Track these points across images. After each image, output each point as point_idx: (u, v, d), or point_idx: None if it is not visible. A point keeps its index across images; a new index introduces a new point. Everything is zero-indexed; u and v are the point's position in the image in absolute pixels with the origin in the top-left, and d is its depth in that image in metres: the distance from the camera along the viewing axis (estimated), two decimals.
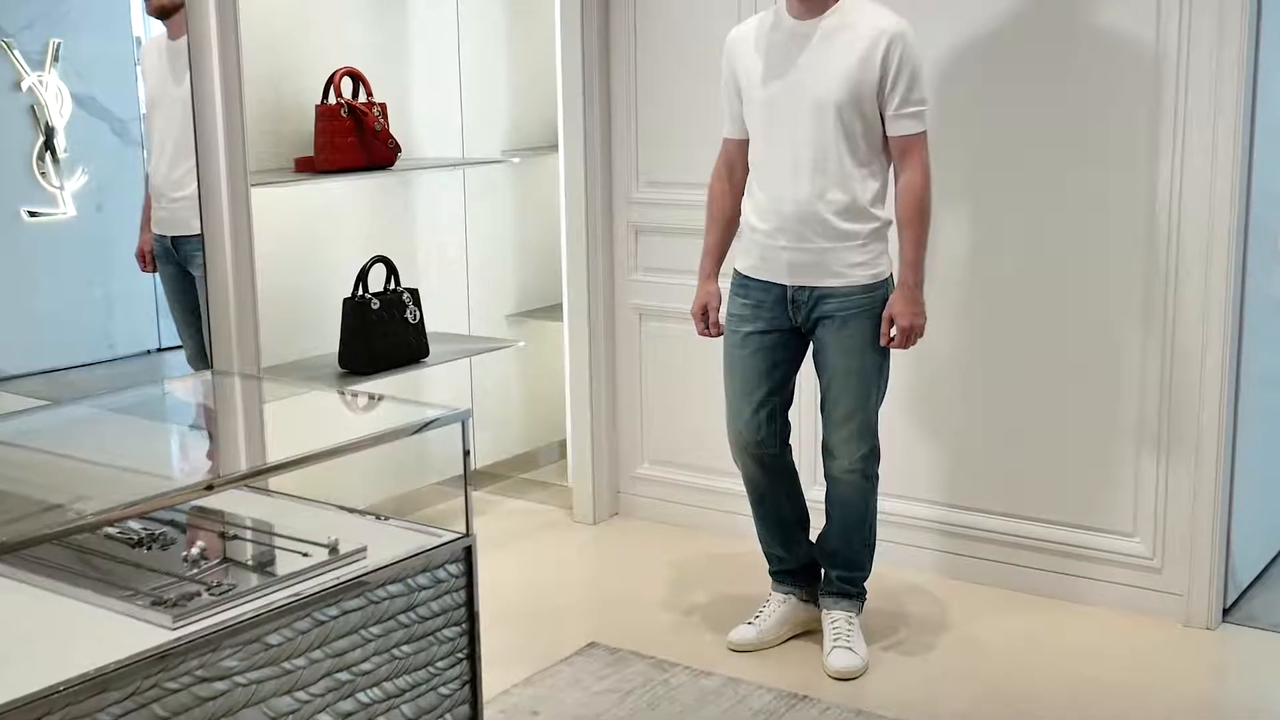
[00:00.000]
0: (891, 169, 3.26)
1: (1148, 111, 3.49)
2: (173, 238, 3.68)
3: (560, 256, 4.51)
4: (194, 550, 2.12)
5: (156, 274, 3.80)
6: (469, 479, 2.43)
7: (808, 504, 3.55)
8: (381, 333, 4.01)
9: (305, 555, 2.13)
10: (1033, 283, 3.72)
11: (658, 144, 4.27)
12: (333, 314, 4.08)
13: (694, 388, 4.26)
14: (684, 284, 4.03)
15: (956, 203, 3.75)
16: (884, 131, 3.20)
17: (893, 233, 3.27)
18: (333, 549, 2.15)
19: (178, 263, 3.71)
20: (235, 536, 2.28)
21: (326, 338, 4.13)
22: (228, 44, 3.29)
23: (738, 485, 3.59)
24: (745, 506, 3.57)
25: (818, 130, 3.16)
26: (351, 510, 2.53)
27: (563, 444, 4.68)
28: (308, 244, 4.17)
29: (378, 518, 2.51)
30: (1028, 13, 3.63)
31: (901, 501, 3.95)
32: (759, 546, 3.58)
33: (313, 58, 4.08)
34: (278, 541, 2.25)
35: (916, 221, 3.21)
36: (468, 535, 2.36)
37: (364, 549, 2.20)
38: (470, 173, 4.69)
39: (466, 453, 2.43)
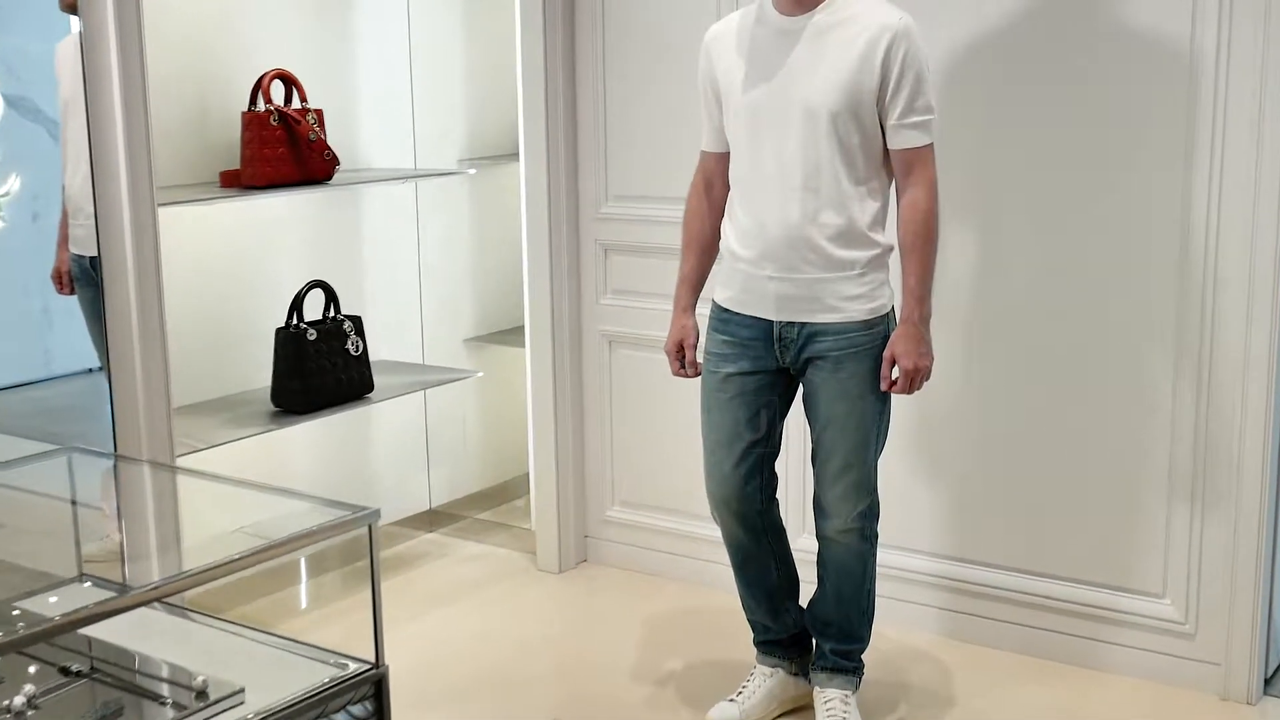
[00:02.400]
0: (893, 187, 2.85)
1: (1182, 117, 3.09)
2: (90, 258, 3.25)
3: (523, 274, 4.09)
4: (17, 700, 1.68)
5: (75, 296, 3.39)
6: (378, 588, 1.98)
7: (796, 555, 3.14)
8: (318, 367, 3.59)
9: (165, 703, 1.69)
10: (1048, 311, 3.31)
11: (629, 154, 3.85)
12: (268, 345, 3.65)
13: (669, 423, 3.84)
14: (658, 309, 3.65)
15: (962, 221, 3.33)
16: (884, 144, 2.78)
17: (894, 260, 2.85)
18: (200, 693, 1.71)
19: (97, 285, 3.29)
20: (82, 673, 1.84)
21: (262, 371, 3.71)
22: (129, 38, 2.86)
23: (719, 531, 3.16)
24: (726, 554, 3.14)
25: (809, 142, 2.74)
26: (239, 629, 2.07)
27: (526, 478, 4.26)
28: (237, 267, 3.74)
29: (271, 635, 2.06)
30: (1044, 7, 3.21)
31: (902, 554, 3.54)
32: (741, 606, 3.16)
33: (244, 59, 3.65)
34: (137, 681, 1.81)
35: (922, 248, 2.79)
36: (378, 666, 1.91)
37: (240, 691, 1.76)
38: (423, 185, 4.26)
39: (374, 562, 1.96)
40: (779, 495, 3.06)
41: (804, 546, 3.39)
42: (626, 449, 4.03)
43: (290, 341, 3.55)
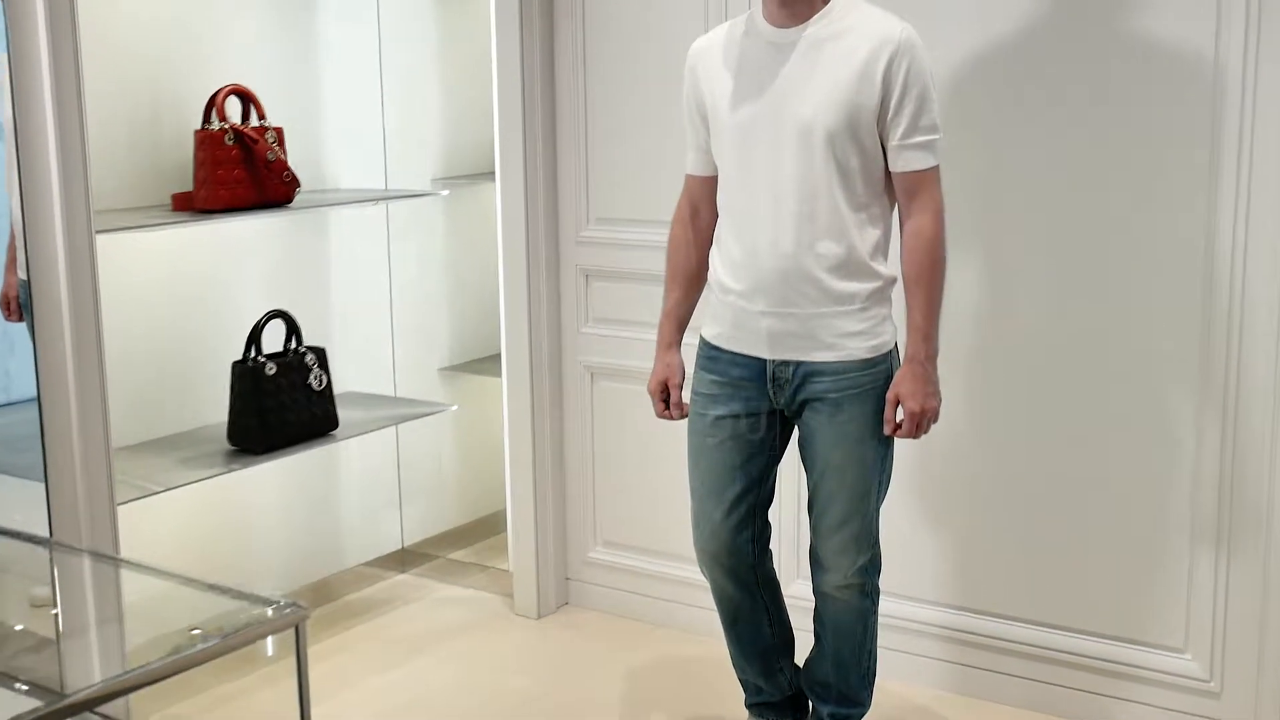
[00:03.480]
0: (895, 213, 2.62)
1: (1205, 136, 2.86)
2: None
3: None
4: None
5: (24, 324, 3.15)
6: (306, 695, 1.74)
7: (790, 603, 2.93)
8: (278, 403, 3.35)
9: None
10: (1059, 345, 3.08)
11: (612, 174, 3.62)
12: (226, 379, 3.41)
13: (655, 459, 3.61)
14: (642, 339, 3.42)
15: (967, 249, 3.10)
16: (886, 166, 2.55)
17: (897, 293, 2.62)
18: None
19: None
20: None
21: (220, 406, 3.47)
22: (63, 51, 2.62)
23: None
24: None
25: (804, 165, 2.51)
26: None
27: (505, 513, 4.02)
28: (194, 295, 3.51)
29: None
30: (1055, 18, 2.98)
31: (903, 603, 3.31)
32: (732, 665, 2.93)
33: (201, 73, 3.41)
34: None
35: (928, 279, 2.56)
36: None
37: None
38: (394, 206, 4.03)
39: (301, 665, 1.73)
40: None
41: (798, 593, 3.18)
42: (610, 487, 3.80)
43: (247, 376, 3.31)
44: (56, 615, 2.23)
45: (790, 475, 3.12)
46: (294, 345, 3.45)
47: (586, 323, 3.75)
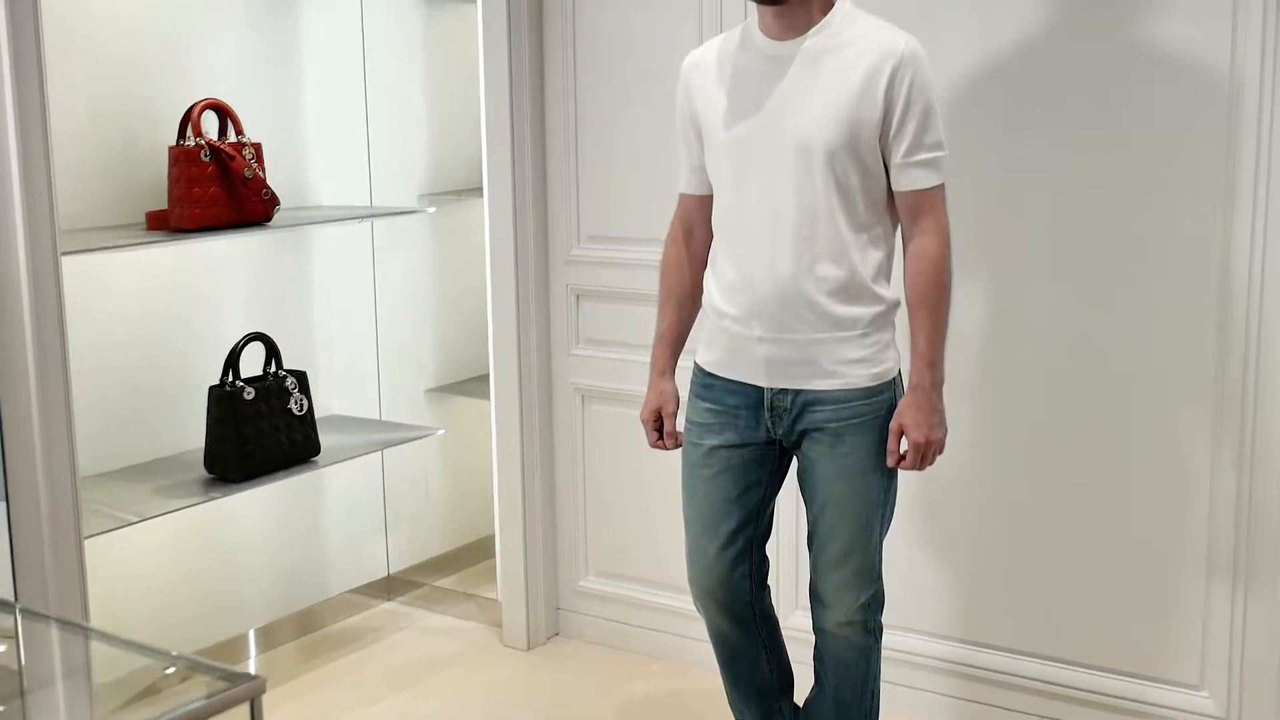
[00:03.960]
0: (898, 233, 2.50)
1: (1221, 150, 2.75)
2: None
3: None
4: None
5: None
6: None
7: (787, 635, 2.81)
8: (257, 430, 3.23)
9: None
10: (1067, 371, 2.96)
11: (604, 191, 3.50)
12: (203, 404, 3.28)
13: (648, 485, 3.49)
14: (635, 360, 3.31)
15: (970, 270, 2.98)
16: (889, 185, 2.43)
17: (900, 318, 2.50)
18: None
19: None
20: None
21: (199, 432, 3.34)
22: (25, 64, 2.50)
23: None
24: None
25: (803, 183, 2.40)
26: None
27: (492, 539, 3.90)
28: (171, 317, 3.39)
29: None
30: (1061, 25, 2.87)
31: (907, 635, 3.19)
32: (728, 704, 2.80)
33: (178, 87, 3.29)
34: None
35: (933, 303, 2.44)
36: None
37: None
38: (379, 224, 3.91)
39: None
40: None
41: (797, 625, 3.07)
42: (601, 513, 3.67)
43: (225, 401, 3.19)
44: None
45: (788, 502, 2.99)
46: (274, 369, 3.33)
47: (577, 344, 3.63)
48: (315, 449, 3.39)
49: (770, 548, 2.70)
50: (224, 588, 3.60)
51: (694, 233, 2.64)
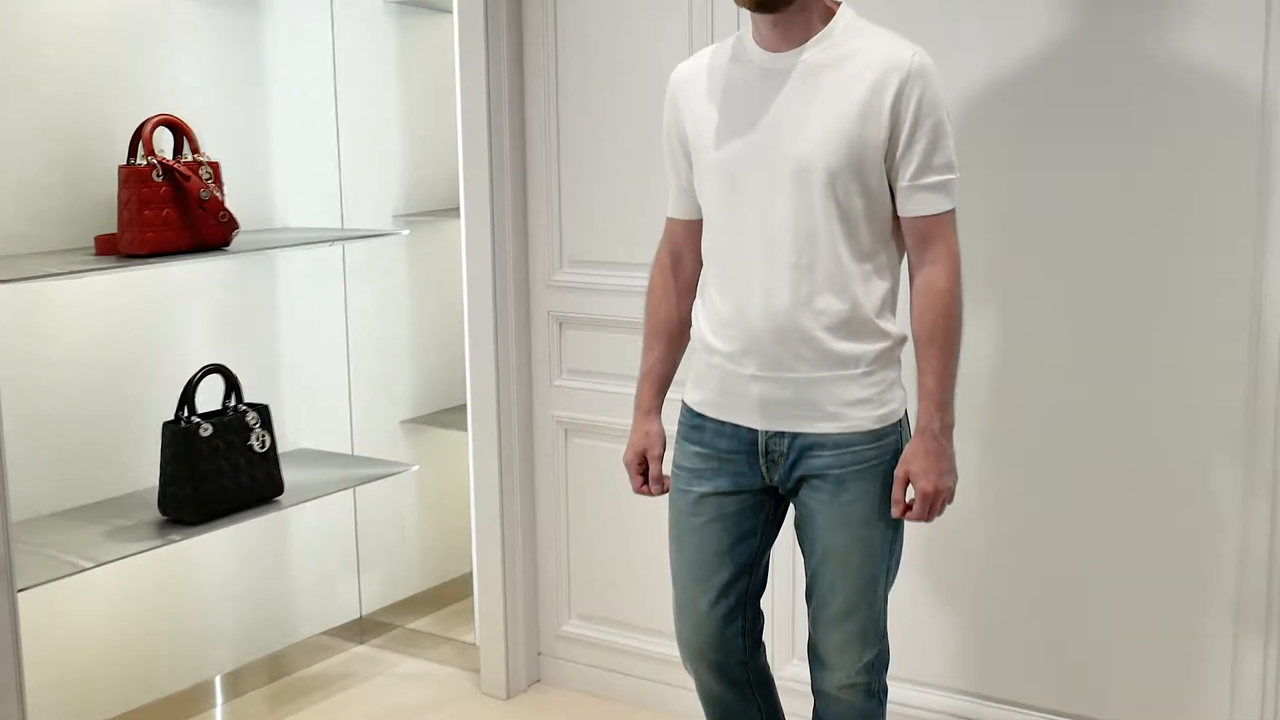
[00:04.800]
0: (904, 263, 2.30)
1: (1251, 175, 2.55)
2: None
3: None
4: None
5: None
6: None
7: (782, 686, 2.63)
8: (215, 469, 3.02)
9: None
10: (1086, 407, 2.76)
11: (587, 212, 3.30)
12: (158, 441, 3.07)
13: (635, 524, 3.28)
14: (621, 392, 3.11)
15: (981, 301, 2.78)
16: (895, 210, 2.23)
17: (907, 354, 2.30)
18: None
19: None
20: None
21: (154, 471, 3.13)
22: None
23: None
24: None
25: (801, 208, 2.19)
26: None
27: (470, 577, 3.69)
28: (123, 349, 3.19)
29: None
30: (1078, 41, 2.67)
31: (912, 688, 2.99)
32: None
33: (133, 104, 3.09)
34: None
35: (943, 339, 2.23)
36: None
37: None
38: (351, 247, 3.70)
39: None
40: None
41: (792, 675, 2.86)
42: (585, 553, 3.46)
43: (179, 438, 2.98)
44: None
45: (783, 542, 2.78)
46: (233, 403, 3.12)
47: (560, 374, 3.43)
48: (278, 488, 3.18)
49: (765, 598, 2.50)
50: (186, 632, 3.40)
51: (682, 260, 2.43)
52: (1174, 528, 2.71)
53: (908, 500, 2.27)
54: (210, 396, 3.11)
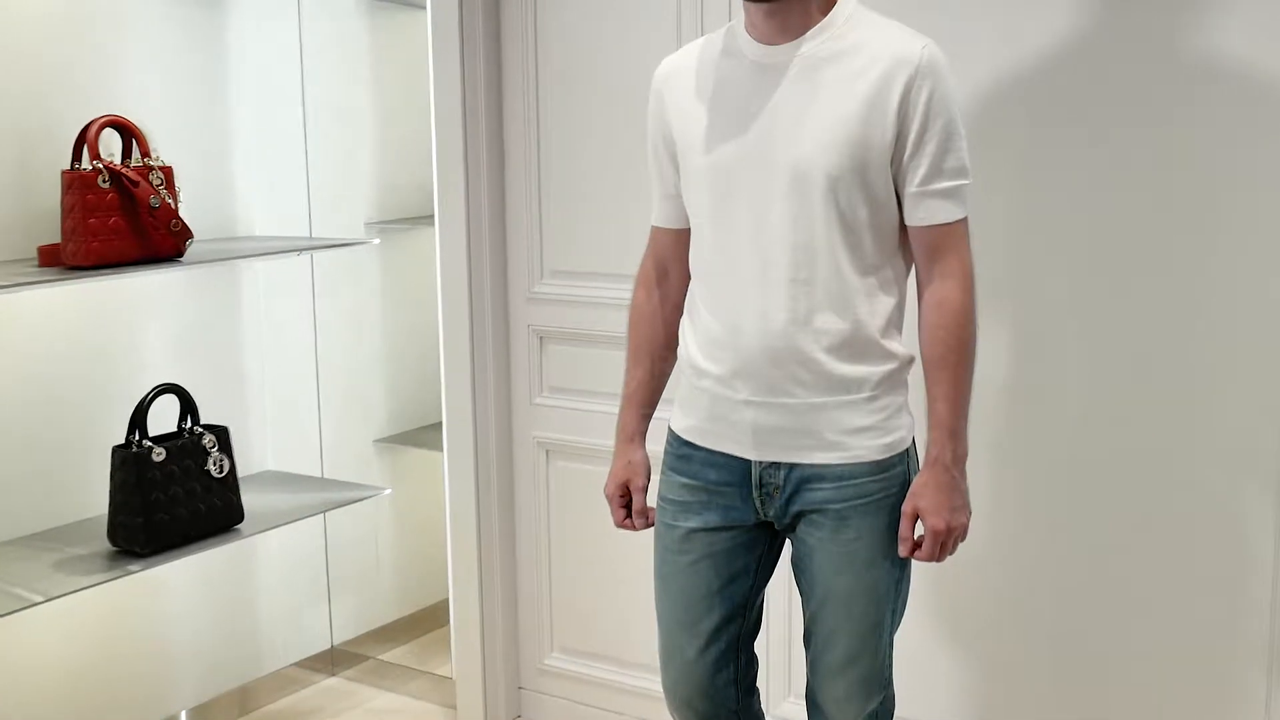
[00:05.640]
0: (912, 276, 2.09)
1: None
2: None
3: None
4: None
5: None
6: None
7: (777, 718, 2.39)
8: (168, 496, 2.82)
9: None
10: (1107, 433, 2.56)
11: (569, 220, 3.11)
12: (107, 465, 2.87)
13: (621, 551, 3.08)
14: (604, 411, 2.93)
15: (993, 316, 2.58)
16: (902, 218, 2.03)
17: (915, 377, 2.09)
18: None
19: None
20: None
21: (105, 497, 2.93)
22: None
23: None
24: None
25: (799, 217, 1.99)
26: None
27: (446, 604, 3.48)
28: (72, 367, 2.98)
29: None
30: (1101, 36, 2.47)
31: None
32: None
33: (83, 106, 2.88)
34: None
35: (955, 361, 2.03)
36: None
37: None
38: (319, 257, 3.50)
39: None
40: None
41: (786, 715, 2.65)
42: (568, 582, 3.26)
43: (129, 464, 2.77)
44: None
45: (780, 564, 2.58)
46: (189, 425, 2.91)
47: (540, 392, 3.22)
48: (238, 515, 2.97)
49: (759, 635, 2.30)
50: (149, 666, 3.21)
51: (668, 273, 2.23)
52: (1201, 569, 2.51)
53: (916, 538, 2.06)
54: (165, 418, 2.90)
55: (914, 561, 2.12)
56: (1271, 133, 2.35)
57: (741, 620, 2.20)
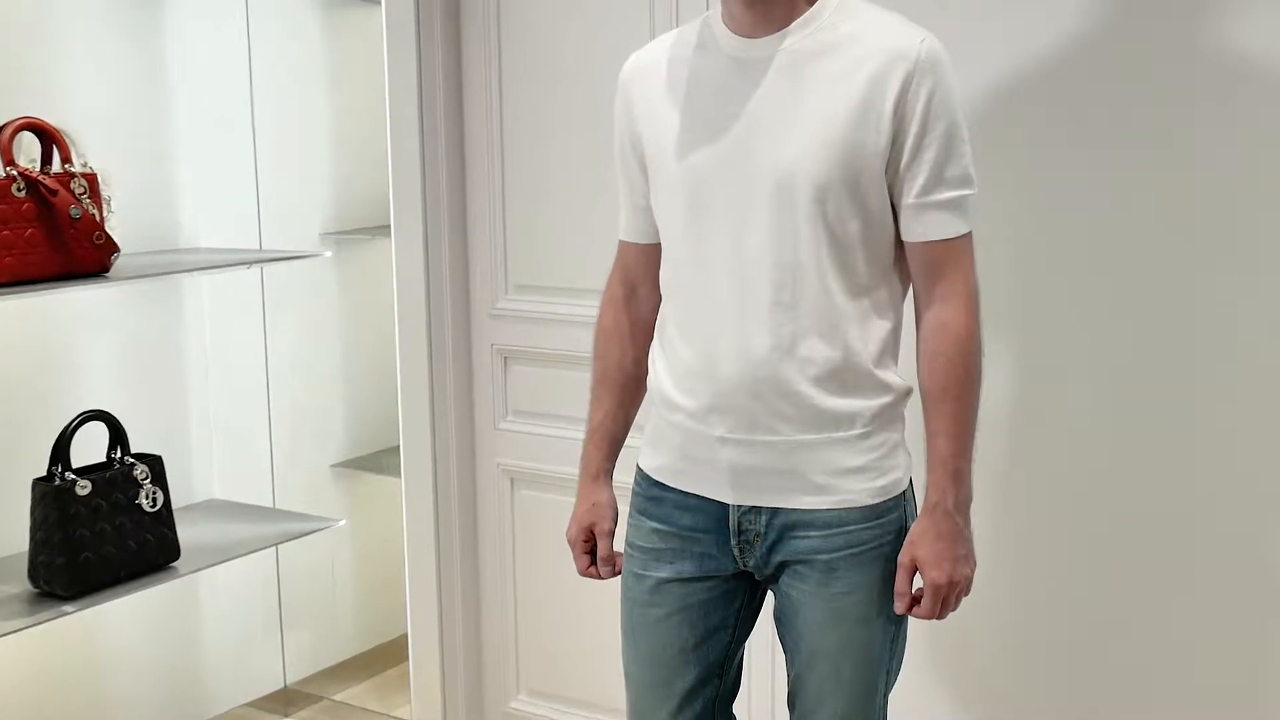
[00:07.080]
0: (909, 296, 1.87)
1: None
2: None
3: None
4: None
5: None
6: None
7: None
8: (94, 533, 2.59)
9: None
10: (1123, 471, 2.35)
11: (535, 230, 2.90)
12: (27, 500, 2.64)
13: (592, 587, 2.80)
14: (572, 437, 2.69)
15: (999, 337, 2.34)
16: (898, 233, 1.81)
17: (912, 411, 1.87)
18: None
19: None
20: None
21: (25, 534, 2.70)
22: None
23: None
24: None
25: (783, 233, 1.77)
26: None
27: (406, 639, 3.26)
28: None
29: None
30: (1114, 31, 2.26)
31: None
32: None
33: (7, 108, 2.65)
34: None
35: (957, 392, 1.81)
36: None
37: None
38: (270, 270, 3.27)
39: None
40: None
41: None
42: (535, 620, 3.04)
43: (50, 499, 2.54)
44: None
45: (760, 627, 2.35)
46: (118, 454, 2.68)
47: (505, 416, 3.01)
48: (173, 552, 2.74)
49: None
50: (86, 710, 2.98)
51: (637, 293, 2.01)
52: (1224, 611, 2.30)
53: (914, 593, 1.84)
54: (94, 448, 2.67)
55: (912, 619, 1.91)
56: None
57: (719, 681, 1.98)
